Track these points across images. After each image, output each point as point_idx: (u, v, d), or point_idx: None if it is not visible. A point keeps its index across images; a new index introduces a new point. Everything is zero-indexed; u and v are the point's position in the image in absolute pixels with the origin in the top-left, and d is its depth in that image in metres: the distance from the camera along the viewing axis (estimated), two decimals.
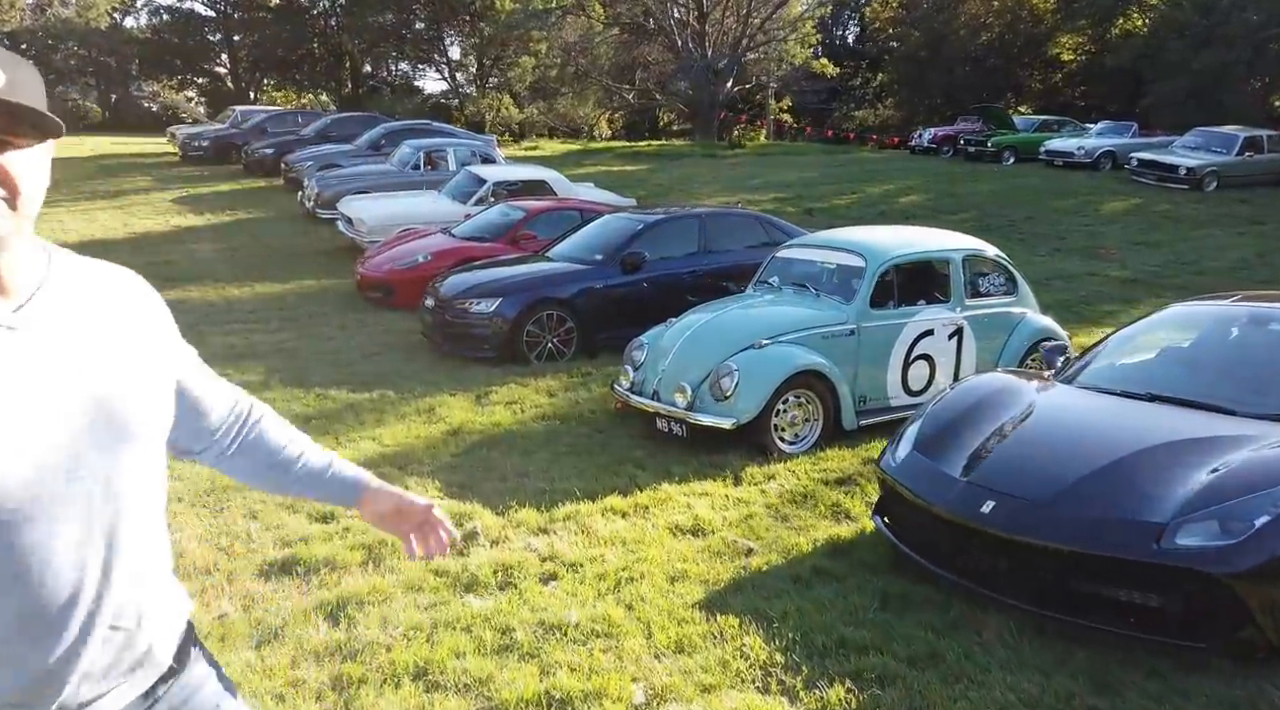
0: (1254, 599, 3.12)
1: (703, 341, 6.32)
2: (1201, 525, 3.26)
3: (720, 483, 5.41)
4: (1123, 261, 14.10)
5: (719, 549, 4.46)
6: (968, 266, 6.83)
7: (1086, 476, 3.63)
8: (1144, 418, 3.97)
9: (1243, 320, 4.57)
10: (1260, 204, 18.28)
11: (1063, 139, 24.19)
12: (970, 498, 3.80)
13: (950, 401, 4.52)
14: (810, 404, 6.09)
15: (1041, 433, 4.02)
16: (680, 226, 9.45)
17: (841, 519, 4.91)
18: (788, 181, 21.96)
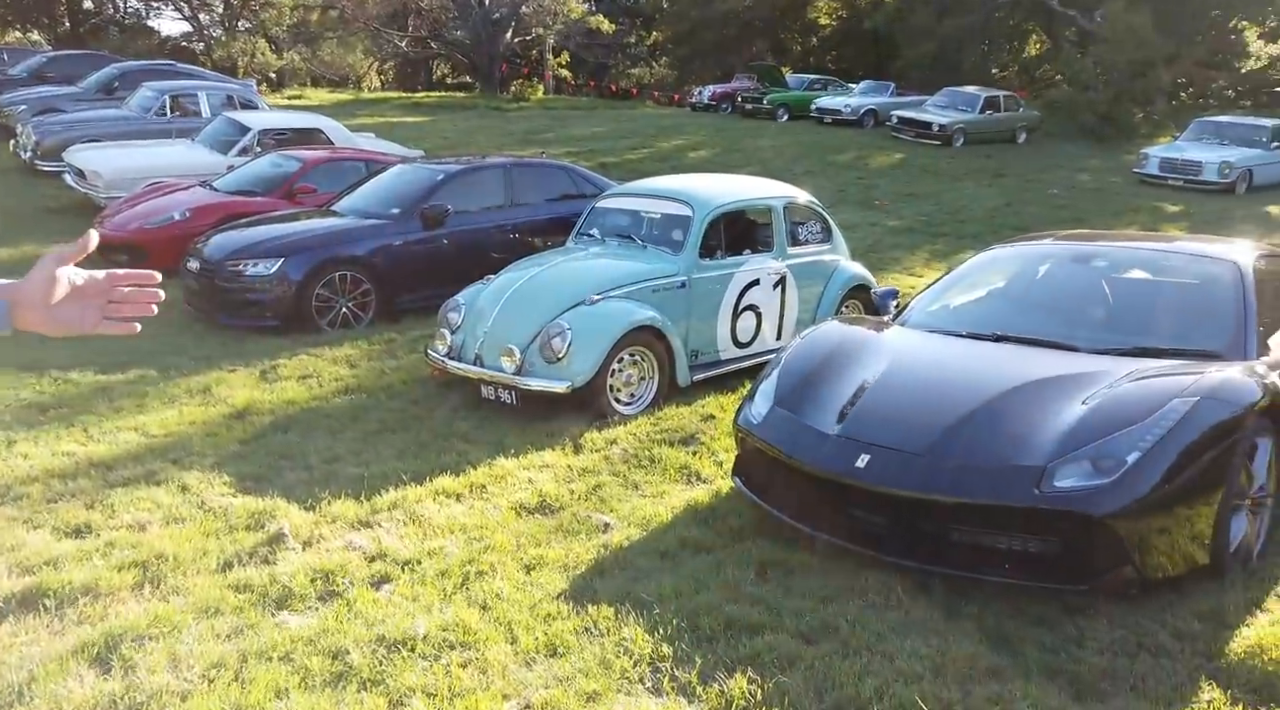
0: (1130, 536, 3.14)
1: (528, 299, 5.77)
2: (1076, 466, 3.24)
3: (560, 452, 4.95)
4: (897, 212, 14.99)
5: (573, 526, 4.01)
6: (788, 214, 6.73)
7: (959, 422, 3.53)
8: (1000, 359, 3.95)
9: (1067, 260, 4.71)
10: (1001, 158, 20.18)
11: (831, 97, 25.48)
12: (844, 452, 3.60)
13: (803, 352, 4.32)
14: (645, 361, 5.75)
15: (906, 380, 3.90)
16: (484, 177, 8.72)
17: (694, 482, 4.62)
18: (578, 136, 21.51)
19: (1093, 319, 4.25)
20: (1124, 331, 4.07)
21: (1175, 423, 3.27)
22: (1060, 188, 17.29)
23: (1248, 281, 4.11)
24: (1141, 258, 4.60)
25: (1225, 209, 15.55)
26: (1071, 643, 2.97)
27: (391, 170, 9.03)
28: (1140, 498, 3.14)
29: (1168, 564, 3.24)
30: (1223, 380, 3.48)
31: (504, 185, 8.72)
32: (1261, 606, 3.22)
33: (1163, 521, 3.20)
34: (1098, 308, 4.36)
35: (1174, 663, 2.84)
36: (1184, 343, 3.93)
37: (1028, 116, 23.05)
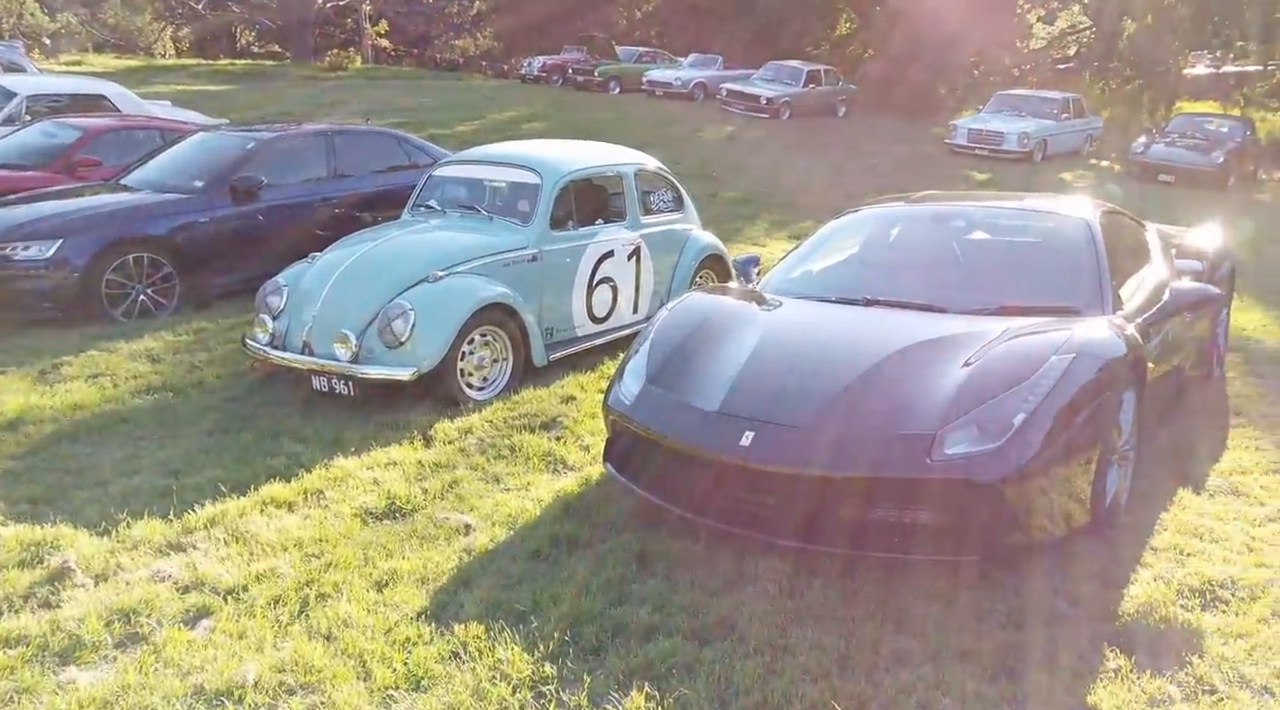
0: (1019, 500, 3.06)
1: (362, 278, 5.16)
2: (965, 431, 3.12)
3: (408, 446, 4.43)
4: (733, 184, 15.10)
5: (429, 531, 3.54)
6: (639, 182, 6.43)
7: (843, 392, 3.34)
8: (875, 324, 3.81)
9: (925, 221, 4.67)
10: (826, 131, 20.85)
11: (661, 70, 25.46)
12: (726, 430, 3.34)
13: (672, 326, 4.03)
14: (498, 342, 5.29)
15: (784, 350, 3.69)
16: (303, 146, 7.88)
17: (560, 470, 4.25)
18: (405, 107, 20.35)
19: (956, 280, 4.21)
20: (988, 291, 4.04)
21: (1056, 380, 3.22)
22: (880, 158, 18.02)
23: (1098, 237, 4.19)
24: (995, 217, 4.62)
25: (1026, 175, 16.72)
26: (972, 618, 2.85)
27: (192, 139, 8.01)
28: (1029, 459, 3.06)
29: (1055, 524, 3.20)
30: (1094, 335, 3.48)
31: (326, 155, 7.91)
32: (1142, 562, 3.24)
33: (1048, 482, 3.14)
34: (959, 268, 4.33)
35: (1075, 631, 2.78)
36: (1045, 300, 3.94)
37: (846, 90, 23.94)
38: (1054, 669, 2.61)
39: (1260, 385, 5.39)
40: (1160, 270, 4.60)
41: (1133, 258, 4.54)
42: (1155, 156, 16.75)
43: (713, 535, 3.38)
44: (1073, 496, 3.25)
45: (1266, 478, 4.01)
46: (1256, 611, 2.91)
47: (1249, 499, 3.79)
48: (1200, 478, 3.98)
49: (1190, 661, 2.64)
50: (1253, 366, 5.80)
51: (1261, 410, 4.94)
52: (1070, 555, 3.23)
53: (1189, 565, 3.19)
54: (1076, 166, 18.55)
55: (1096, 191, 15.27)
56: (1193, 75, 26.83)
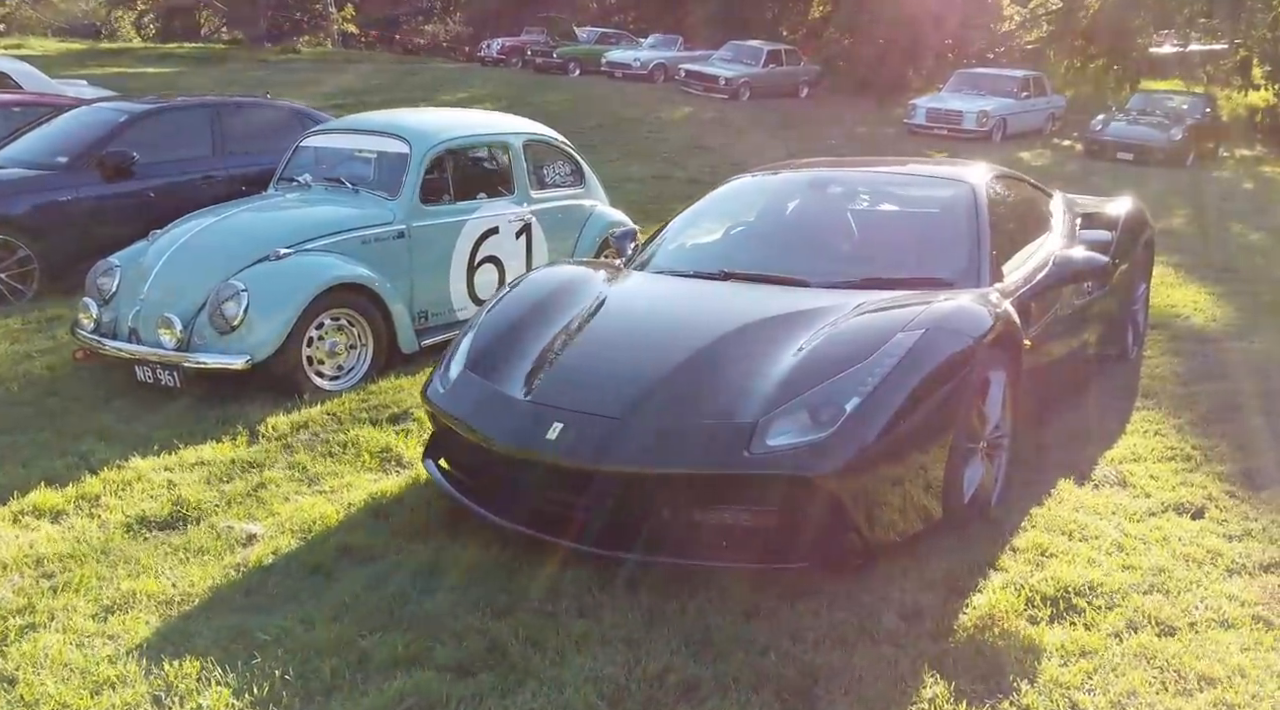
0: (852, 496, 2.66)
1: (197, 256, 4.70)
2: (791, 419, 2.71)
3: (227, 444, 3.98)
4: (684, 164, 14.66)
5: (205, 543, 3.10)
6: (530, 153, 5.97)
7: (666, 378, 2.93)
8: (721, 301, 3.40)
9: (803, 187, 4.25)
10: (785, 111, 20.40)
11: (621, 51, 24.92)
12: (534, 422, 2.92)
13: (507, 304, 3.60)
14: (356, 327, 4.84)
15: (612, 330, 3.27)
16: (184, 120, 7.36)
17: (391, 469, 3.81)
18: (350, 88, 19.74)
19: (826, 249, 3.79)
20: (856, 262, 3.64)
21: (899, 359, 2.82)
22: (839, 139, 17.62)
23: (981, 204, 3.78)
24: (877, 182, 4.20)
25: (984, 155, 16.34)
26: (786, 637, 2.44)
27: (67, 113, 7.46)
28: (863, 449, 2.65)
29: (899, 523, 2.80)
30: (952, 309, 3.07)
31: (210, 129, 7.38)
32: (996, 565, 2.85)
33: (890, 474, 2.75)
34: (832, 237, 3.91)
35: (897, 650, 2.38)
36: (916, 271, 3.53)
37: (808, 71, 23.50)
38: (861, 698, 2.20)
39: (1178, 365, 5.01)
40: (1056, 241, 4.20)
41: (1027, 227, 4.15)
42: (1113, 134, 16.42)
43: (521, 543, 2.96)
44: (921, 491, 2.85)
45: (1159, 466, 3.63)
46: (1109, 624, 2.52)
47: (1135, 490, 3.41)
48: (1088, 467, 3.60)
49: (1017, 688, 2.24)
50: (1175, 345, 5.42)
51: (1173, 391, 4.56)
52: (919, 558, 2.83)
53: (1048, 568, 2.80)
54: (1037, 146, 18.20)
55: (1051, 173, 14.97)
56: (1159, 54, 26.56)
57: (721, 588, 2.70)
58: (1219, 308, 6.36)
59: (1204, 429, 4.02)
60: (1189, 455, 3.74)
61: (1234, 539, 3.05)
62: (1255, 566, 2.86)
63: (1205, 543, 3.00)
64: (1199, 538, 3.04)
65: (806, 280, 3.50)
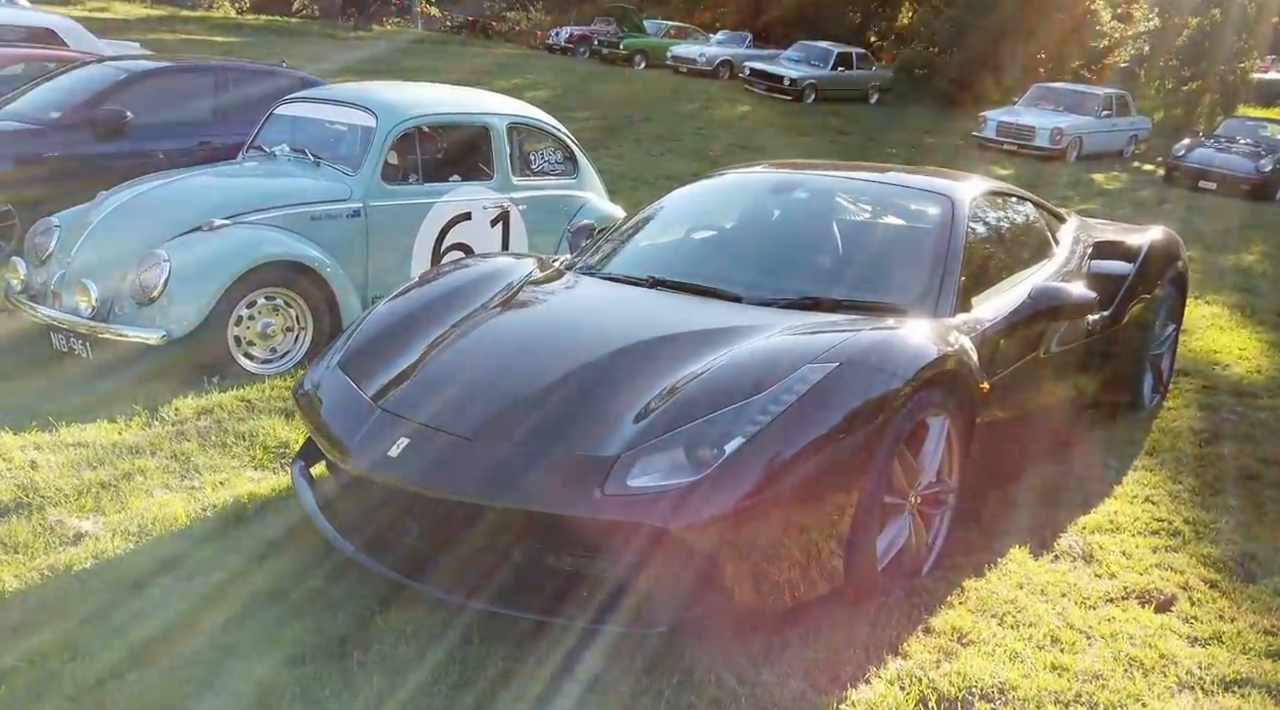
0: (722, 556, 2.22)
1: (130, 221, 4.47)
2: (662, 457, 2.28)
3: (119, 424, 3.71)
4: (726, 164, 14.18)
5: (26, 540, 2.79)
6: (514, 137, 5.61)
7: (534, 395, 2.53)
8: (631, 310, 2.98)
9: (765, 190, 3.78)
10: (848, 116, 19.69)
11: (687, 46, 24.44)
12: (380, 433, 2.55)
13: (410, 296, 3.24)
14: (294, 308, 4.55)
15: (498, 336, 2.88)
16: (186, 83, 7.20)
17: (279, 468, 3.49)
18: (408, 68, 19.70)
19: (769, 261, 3.33)
20: (797, 277, 3.17)
21: (799, 395, 2.36)
22: (900, 148, 16.88)
23: (958, 221, 3.27)
24: (849, 190, 3.70)
25: (1052, 173, 15.45)
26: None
27: (73, 70, 7.39)
28: (738, 500, 2.21)
29: (786, 588, 2.35)
30: (878, 340, 2.59)
31: (212, 94, 7.22)
32: (899, 649, 2.36)
33: (773, 531, 2.30)
34: (780, 248, 3.44)
35: None
36: (866, 293, 3.05)
37: (880, 76, 22.70)
38: None
39: (1199, 420, 4.38)
40: (1057, 270, 3.66)
41: (1019, 254, 3.61)
42: (1196, 160, 15.32)
43: (362, 573, 2.60)
44: (815, 552, 2.39)
45: (1137, 540, 3.07)
46: None
47: (1098, 567, 2.87)
48: (1052, 534, 3.06)
49: None
50: (1204, 397, 4.78)
51: (1182, 451, 3.95)
52: (807, 632, 2.38)
53: (959, 660, 2.31)
54: (1115, 168, 17.15)
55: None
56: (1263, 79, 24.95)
57: (561, 647, 2.29)
58: (1266, 358, 5.65)
59: (1204, 500, 3.44)
60: (1177, 530, 3.17)
61: (1198, 643, 2.51)
62: (1214, 682, 2.33)
63: (1161, 644, 2.47)
64: (1155, 637, 2.51)
65: (739, 295, 3.05)
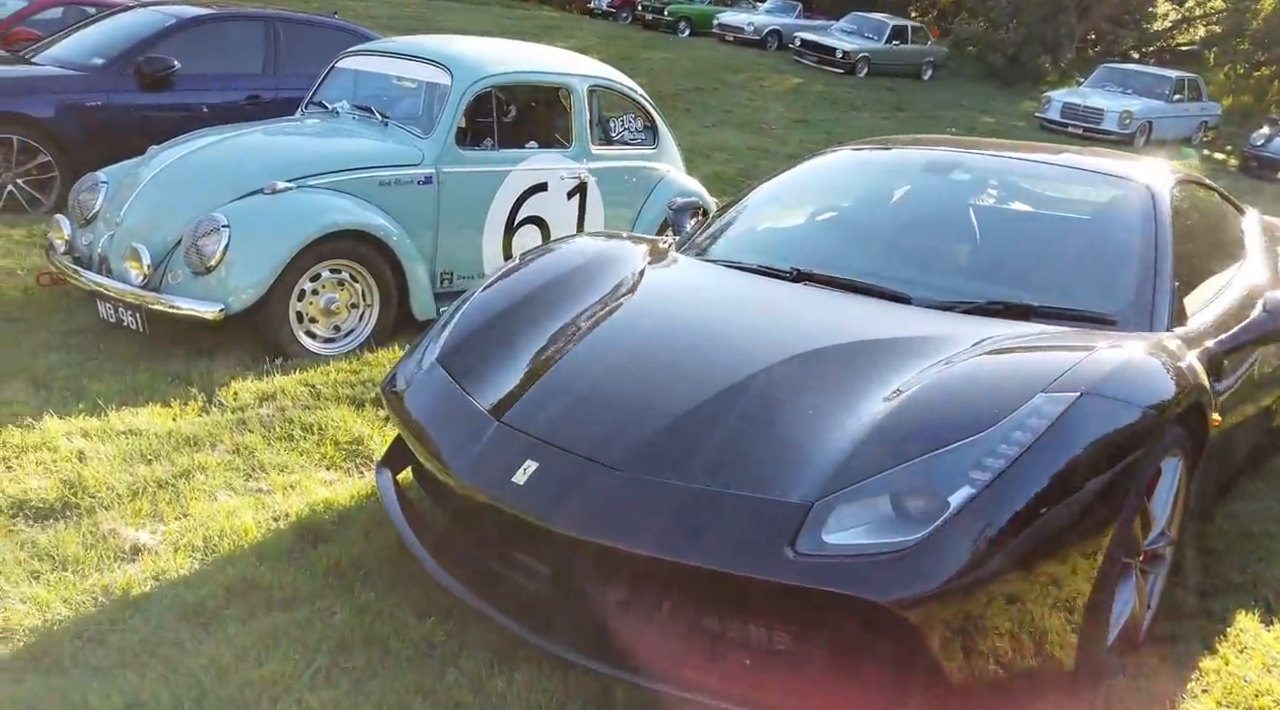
0: (943, 636, 1.76)
1: (184, 180, 4.02)
2: (865, 506, 1.82)
3: (174, 409, 3.30)
4: (784, 138, 13.59)
5: (76, 552, 2.39)
6: (595, 101, 5.11)
7: (691, 416, 2.06)
8: (785, 309, 2.50)
9: (917, 170, 3.26)
10: (903, 91, 18.95)
11: (734, 14, 23.63)
12: (500, 451, 2.10)
13: (511, 282, 2.78)
14: (360, 283, 4.11)
15: (633, 337, 2.41)
16: (236, 32, 6.73)
17: (354, 469, 3.06)
18: (449, 28, 19.13)
19: (938, 256, 2.84)
20: (980, 277, 2.68)
21: (1038, 434, 1.89)
22: (959, 127, 16.17)
23: (1162, 214, 2.76)
24: (1017, 172, 3.18)
25: None
26: None
27: (117, 14, 6.94)
28: (972, 566, 1.75)
29: (1005, 673, 1.89)
30: (1118, 365, 2.10)
31: (265, 45, 6.75)
32: None
33: (1005, 605, 1.83)
34: (948, 239, 2.94)
35: None
36: (1064, 299, 2.55)
37: (935, 51, 21.84)
38: None
39: None
40: (1257, 274, 3.14)
41: (1217, 253, 3.09)
42: (1277, 151, 14.53)
43: (470, 614, 2.16)
44: (1048, 629, 1.92)
45: None
46: None
47: None
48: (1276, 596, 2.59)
49: None
50: None
51: None
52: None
53: None
54: (1181, 156, 16.38)
55: None
56: None
57: None
58: None
59: None
60: None
61: None
62: None
63: None
64: None
65: (907, 295, 2.56)
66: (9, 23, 7.76)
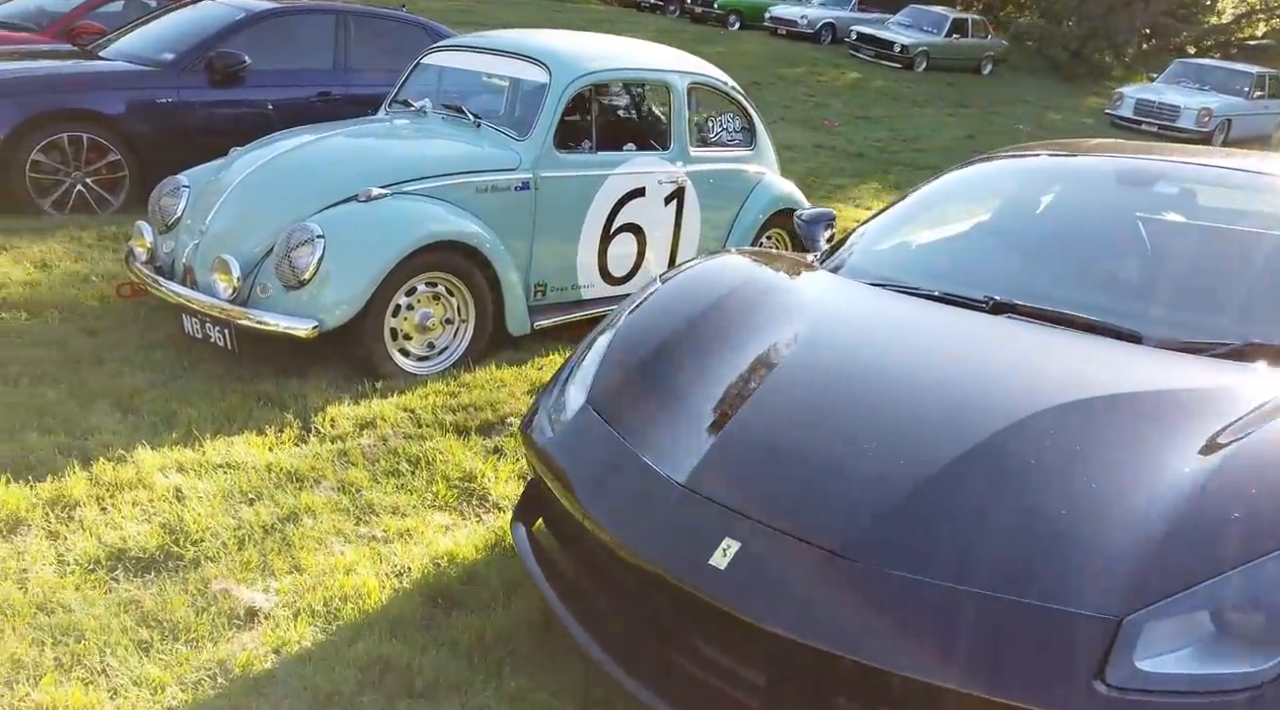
0: None
1: (273, 185, 3.74)
2: (1186, 623, 1.47)
3: (270, 438, 3.02)
4: (847, 135, 13.14)
5: (184, 616, 2.12)
6: (694, 99, 4.77)
7: (923, 487, 1.72)
8: (1006, 349, 2.14)
9: (1107, 182, 2.88)
10: (964, 87, 18.37)
11: (786, 7, 23.11)
12: (689, 526, 1.78)
13: (658, 309, 2.45)
14: (454, 296, 3.81)
15: (817, 379, 2.07)
16: (306, 26, 6.48)
17: (470, 512, 2.76)
18: (498, 20, 18.87)
19: (1157, 284, 2.45)
20: (1222, 312, 2.29)
21: None
22: (1029, 125, 15.60)
23: None
24: (1227, 184, 2.77)
25: None
26: None
27: (188, 8, 6.72)
28: None
29: None
30: None
31: (335, 41, 6.51)
32: None
33: None
34: (1162, 265, 2.55)
35: None
36: None
37: (995, 45, 21.20)
38: None
39: None
40: None
41: None
42: None
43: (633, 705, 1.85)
44: None
45: None
46: None
47: None
48: None
49: None
50: None
51: None
52: None
53: None
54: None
55: None
56: None
57: None
58: None
59: None
60: None
61: None
62: None
63: None
64: None
65: (1135, 332, 2.19)
66: (73, 16, 7.59)
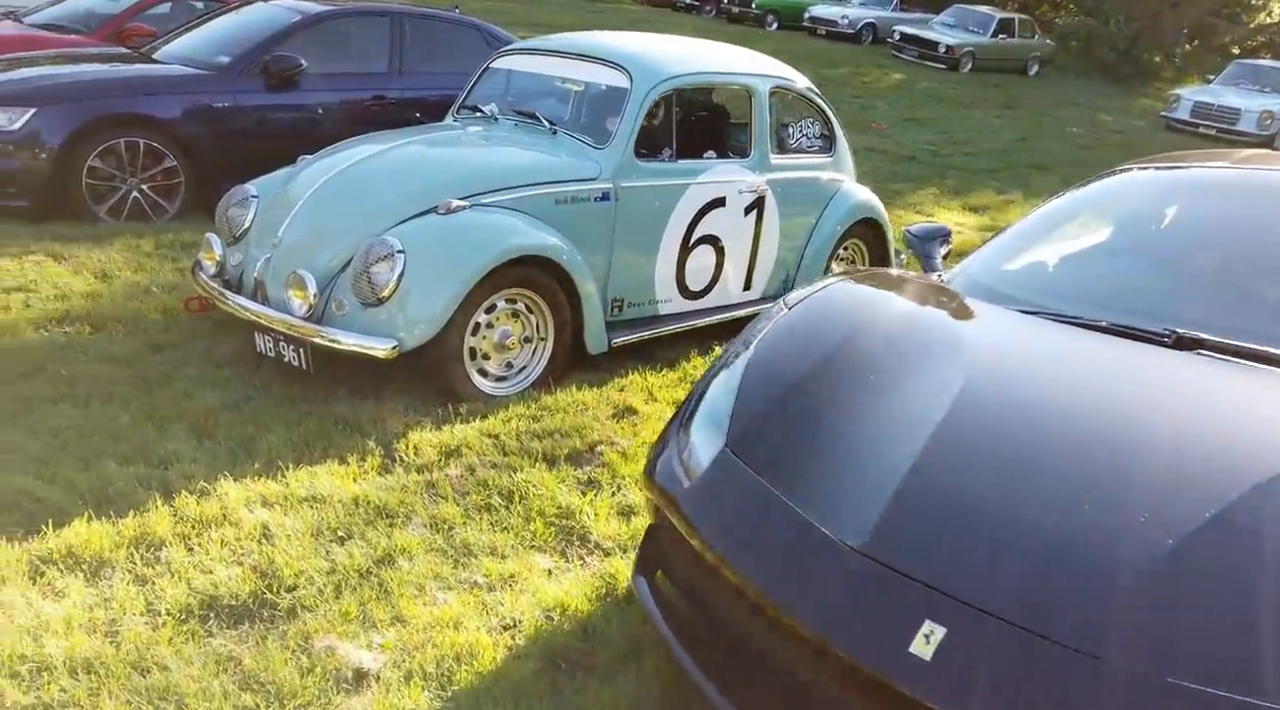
0: None
1: (346, 198, 3.56)
2: None
3: (352, 468, 2.84)
4: (897, 138, 12.84)
5: (288, 677, 1.93)
6: (775, 104, 4.54)
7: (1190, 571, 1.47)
8: (1214, 394, 1.89)
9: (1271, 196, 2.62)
10: (1011, 88, 17.97)
11: (826, 7, 22.78)
12: (878, 604, 1.55)
13: (791, 338, 2.22)
14: (535, 313, 3.61)
15: (1005, 425, 1.83)
16: (362, 29, 6.34)
17: (573, 553, 2.55)
18: (537, 20, 18.74)
19: None
20: None
21: None
22: (1082, 127, 15.19)
23: None
24: None
25: None
26: None
27: (241, 10, 6.59)
28: None
29: None
30: None
31: (391, 43, 6.36)
32: None
33: None
34: None
35: None
36: None
37: (1041, 46, 20.75)
38: None
39: None
40: None
41: None
42: None
43: None
44: None
45: None
46: None
47: None
48: None
49: None
50: None
51: None
52: None
53: None
54: None
55: None
56: None
57: None
58: None
59: None
60: None
61: None
62: None
63: None
64: None
65: None
66: (122, 18, 7.51)
